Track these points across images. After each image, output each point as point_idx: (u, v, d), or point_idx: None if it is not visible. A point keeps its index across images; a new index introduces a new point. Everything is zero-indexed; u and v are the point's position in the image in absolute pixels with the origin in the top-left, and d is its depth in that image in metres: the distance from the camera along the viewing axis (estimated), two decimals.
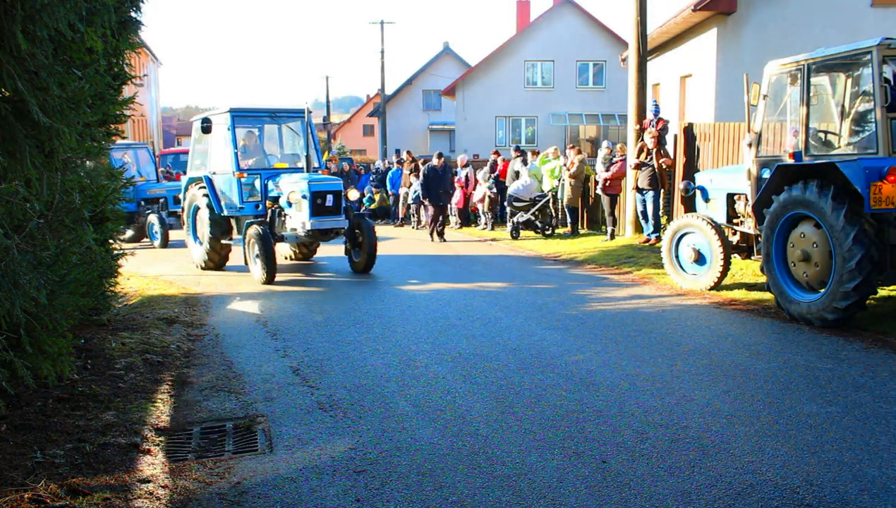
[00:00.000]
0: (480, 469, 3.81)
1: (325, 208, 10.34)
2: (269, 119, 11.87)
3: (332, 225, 10.49)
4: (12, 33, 3.04)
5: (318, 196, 10.26)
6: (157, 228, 16.23)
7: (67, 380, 5.04)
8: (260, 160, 11.69)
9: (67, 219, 4.15)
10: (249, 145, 11.61)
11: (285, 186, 10.66)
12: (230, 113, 11.04)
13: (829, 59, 7.13)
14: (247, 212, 10.98)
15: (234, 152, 10.89)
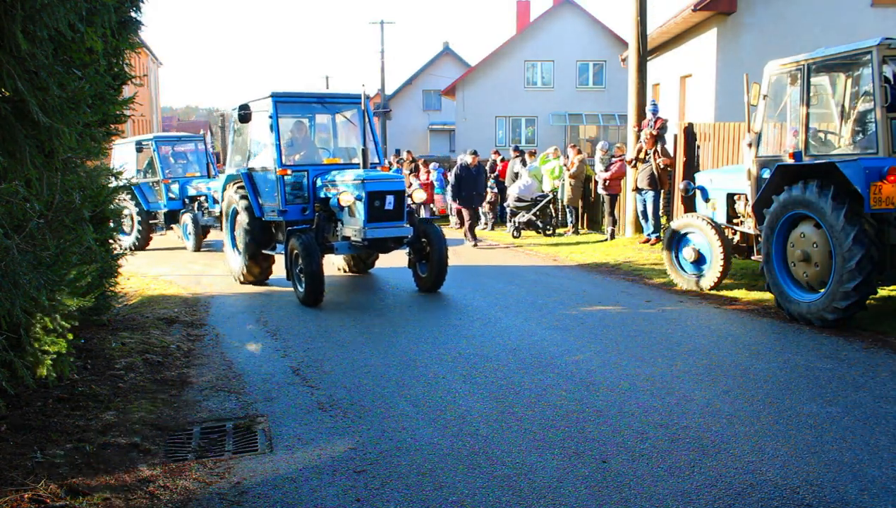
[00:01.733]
0: (480, 469, 3.81)
1: (384, 212, 8.60)
2: (320, 105, 10.14)
3: (393, 232, 8.66)
4: (12, 33, 3.04)
5: (375, 197, 8.51)
6: (190, 229, 14.90)
7: (67, 380, 5.05)
8: (308, 155, 10.13)
9: (67, 219, 4.15)
10: (297, 137, 10.16)
11: (337, 186, 8.99)
12: (272, 98, 9.30)
13: (829, 59, 7.13)
14: (291, 216, 9.31)
15: (277, 145, 9.14)
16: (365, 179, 8.52)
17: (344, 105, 10.24)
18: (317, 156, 10.24)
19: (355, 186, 8.58)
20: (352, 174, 8.84)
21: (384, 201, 8.58)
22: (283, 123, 9.71)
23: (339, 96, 10.25)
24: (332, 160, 9.98)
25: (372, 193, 8.49)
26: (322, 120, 10.79)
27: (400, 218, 8.74)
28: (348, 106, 10.25)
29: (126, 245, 15.75)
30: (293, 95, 9.75)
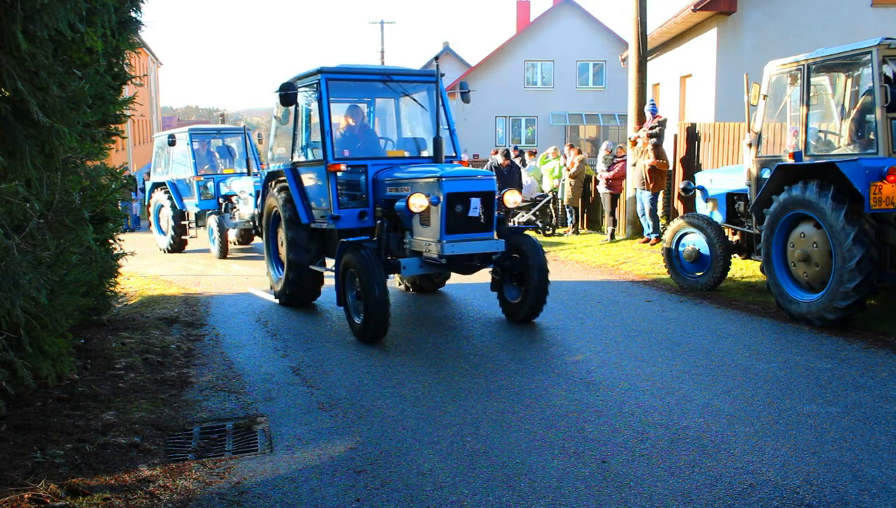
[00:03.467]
0: (480, 469, 3.81)
1: (467, 220, 6.56)
2: (382, 85, 8.05)
3: (479, 247, 6.62)
4: (12, 33, 3.04)
5: (457, 200, 6.46)
6: (216, 234, 13.33)
7: (67, 380, 5.05)
8: (367, 146, 8.12)
9: (67, 219, 4.15)
10: (354, 124, 8.19)
11: (406, 185, 7.05)
12: (321, 74, 7.49)
13: (829, 59, 7.13)
14: (346, 223, 7.40)
15: (328, 133, 7.33)
16: (443, 177, 6.46)
17: (413, 84, 8.21)
18: (378, 147, 8.27)
19: (430, 186, 6.57)
20: (425, 170, 6.92)
21: (468, 206, 6.49)
22: (336, 107, 7.96)
23: (409, 73, 8.18)
24: (397, 153, 8.11)
25: (453, 195, 6.43)
26: (382, 103, 8.95)
27: (488, 227, 6.66)
28: (419, 85, 8.26)
29: (162, 246, 14.88)
30: (349, 71, 7.86)
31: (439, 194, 6.41)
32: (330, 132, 7.39)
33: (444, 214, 6.42)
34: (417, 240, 6.82)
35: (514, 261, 7.16)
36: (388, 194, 7.25)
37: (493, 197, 6.66)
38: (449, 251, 6.43)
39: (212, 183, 14.18)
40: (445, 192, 6.39)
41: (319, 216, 7.73)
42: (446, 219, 6.44)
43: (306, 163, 7.93)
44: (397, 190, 7.13)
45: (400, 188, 7.07)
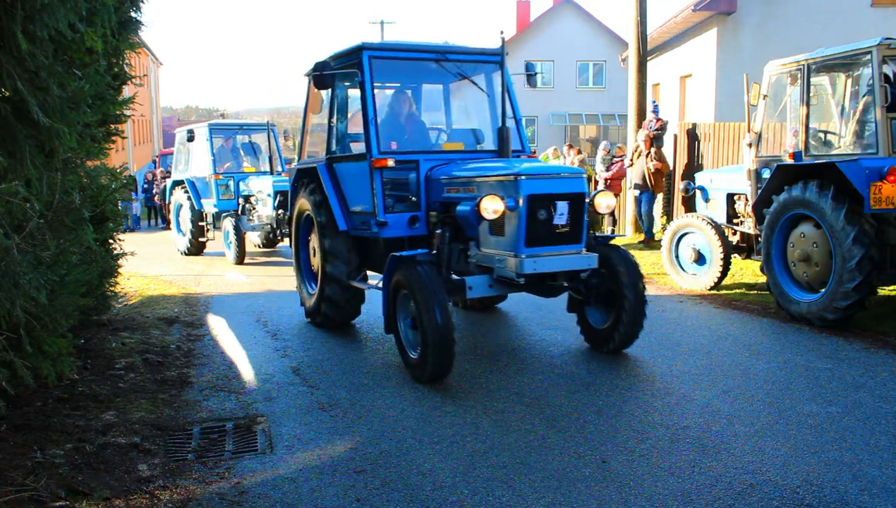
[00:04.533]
0: (480, 469, 3.81)
1: (552, 229, 5.32)
2: (435, 65, 6.65)
3: (568, 263, 5.40)
4: (12, 33, 3.04)
5: (539, 204, 5.23)
6: (231, 237, 12.37)
7: (67, 380, 5.05)
8: (417, 137, 6.91)
9: (67, 219, 4.15)
10: (400, 112, 6.94)
11: (471, 185, 5.77)
12: (363, 52, 6.26)
13: (829, 59, 7.14)
14: (394, 230, 6.17)
15: (372, 122, 6.09)
16: (522, 175, 5.24)
17: (473, 64, 6.87)
18: (429, 139, 7.09)
19: (504, 186, 5.33)
20: (495, 166, 5.72)
21: (553, 211, 5.28)
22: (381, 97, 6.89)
23: (469, 52, 6.82)
24: (453, 146, 6.82)
25: (535, 198, 5.19)
26: (430, 88, 7.66)
27: (577, 238, 5.43)
28: (479, 66, 6.94)
29: (180, 248, 14.22)
30: (396, 48, 6.57)
31: (518, 196, 5.17)
32: (374, 120, 6.11)
33: (524, 222, 5.17)
34: (486, 254, 5.58)
35: (600, 278, 5.78)
36: (447, 196, 5.95)
37: (583, 200, 5.40)
38: (530, 268, 5.15)
39: (232, 182, 13.26)
40: (526, 194, 5.14)
41: (361, 222, 6.44)
42: (526, 228, 5.18)
43: (344, 158, 6.72)
44: (458, 190, 5.85)
45: (462, 188, 5.81)
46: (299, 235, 7.64)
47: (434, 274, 5.23)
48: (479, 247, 5.71)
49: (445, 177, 6.02)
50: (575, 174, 5.49)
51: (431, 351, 5.02)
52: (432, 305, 5.00)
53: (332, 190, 6.71)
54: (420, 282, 5.11)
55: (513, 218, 5.25)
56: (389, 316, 5.62)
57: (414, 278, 5.17)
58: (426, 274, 5.18)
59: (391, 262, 5.48)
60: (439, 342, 4.98)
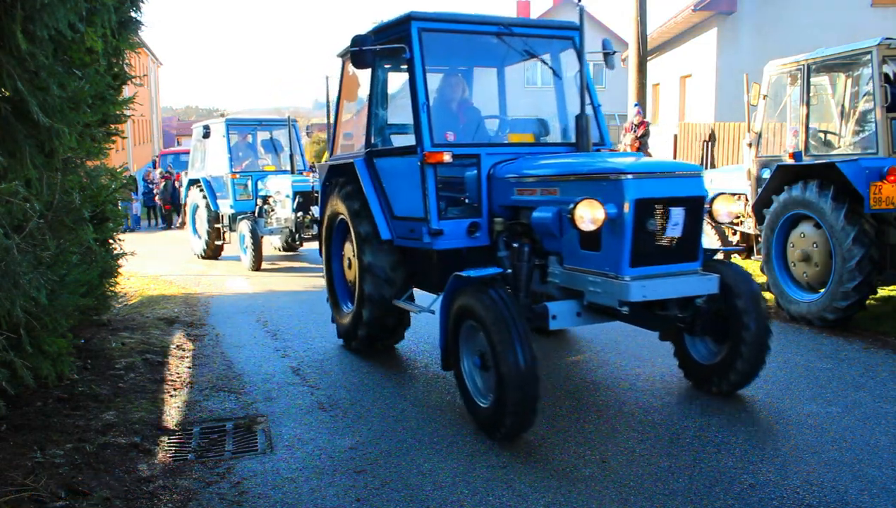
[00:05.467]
0: (480, 469, 3.81)
1: (662, 243, 4.19)
2: (496, 41, 5.59)
3: (686, 287, 4.27)
4: (12, 33, 3.04)
5: (649, 210, 4.09)
6: (248, 241, 11.57)
7: (67, 380, 5.05)
8: (474, 128, 5.83)
9: (67, 219, 4.15)
10: (452, 98, 5.85)
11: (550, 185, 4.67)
12: (411, 22, 5.20)
13: (829, 59, 7.14)
14: (449, 241, 5.13)
15: (423, 107, 5.05)
16: (626, 173, 4.06)
17: (543, 39, 5.80)
18: (487, 130, 5.98)
19: (600, 187, 4.16)
20: (587, 162, 4.54)
21: (666, 220, 4.11)
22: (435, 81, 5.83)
23: (537, 25, 5.93)
24: (520, 137, 5.81)
25: (644, 203, 4.03)
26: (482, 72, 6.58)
27: (693, 254, 4.34)
28: (549, 42, 5.86)
29: (196, 251, 13.40)
30: (451, 20, 5.42)
31: (621, 201, 3.99)
32: (427, 105, 5.07)
33: (630, 234, 4.00)
34: (572, 273, 4.43)
35: (709, 301, 4.55)
36: (516, 198, 4.89)
37: (703, 205, 4.31)
38: (638, 294, 3.98)
39: (250, 181, 12.39)
40: (633, 199, 3.97)
41: (408, 230, 5.36)
42: (633, 242, 4.01)
43: (388, 152, 5.71)
44: (533, 192, 4.75)
45: (539, 190, 4.70)
46: (331, 243, 6.56)
47: (512, 302, 4.06)
48: (561, 263, 4.54)
49: (514, 175, 4.92)
50: (692, 172, 4.30)
51: (510, 401, 3.87)
52: (512, 342, 3.86)
53: (372, 190, 5.68)
54: (495, 312, 3.97)
55: (613, 228, 4.05)
56: (450, 350, 4.50)
57: (486, 306, 4.02)
58: (502, 300, 4.02)
59: (454, 283, 4.38)
60: (521, 389, 3.84)
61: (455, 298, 4.38)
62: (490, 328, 3.98)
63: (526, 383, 3.86)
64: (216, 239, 12.89)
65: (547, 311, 4.36)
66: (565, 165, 4.66)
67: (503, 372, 3.88)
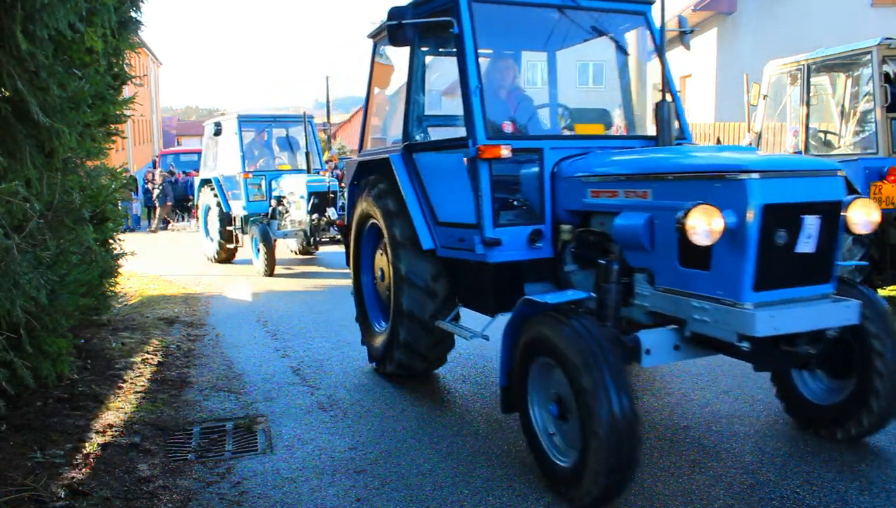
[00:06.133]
0: (480, 469, 3.81)
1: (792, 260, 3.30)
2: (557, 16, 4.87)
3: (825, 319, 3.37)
4: (12, 33, 3.04)
5: (779, 218, 3.20)
6: (259, 245, 10.95)
7: (67, 380, 5.05)
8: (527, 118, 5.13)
9: (67, 219, 4.15)
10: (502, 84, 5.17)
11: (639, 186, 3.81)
12: None
13: (829, 59, 7.14)
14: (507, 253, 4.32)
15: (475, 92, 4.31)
16: (750, 171, 3.21)
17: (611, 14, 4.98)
18: (541, 122, 5.31)
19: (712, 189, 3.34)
20: (693, 157, 3.73)
21: (797, 231, 3.29)
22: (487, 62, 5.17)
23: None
24: (589, 128, 5.16)
25: (773, 210, 3.21)
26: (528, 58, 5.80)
27: (826, 275, 3.46)
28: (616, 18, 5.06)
29: (208, 254, 12.77)
30: None
31: (744, 207, 3.16)
32: (480, 89, 4.31)
33: (755, 248, 3.18)
34: (669, 296, 3.58)
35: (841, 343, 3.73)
36: (590, 202, 4.11)
37: (840, 212, 3.40)
38: (766, 328, 3.14)
39: (264, 181, 11.81)
40: (759, 204, 3.14)
41: (457, 238, 4.59)
42: (758, 259, 3.19)
43: (432, 146, 4.95)
44: (614, 194, 3.94)
45: (622, 191, 3.88)
46: (360, 251, 5.80)
47: (602, 334, 3.26)
48: (652, 282, 3.70)
49: (587, 173, 4.12)
50: (829, 171, 3.40)
51: (601, 463, 3.08)
52: (604, 386, 3.06)
53: (412, 191, 4.89)
54: (580, 348, 3.18)
55: (731, 242, 3.21)
56: (514, 390, 3.72)
57: (569, 340, 3.23)
58: (590, 333, 3.22)
59: (523, 310, 3.62)
60: (616, 448, 3.04)
61: (524, 328, 3.58)
62: (574, 368, 3.18)
63: (622, 440, 3.05)
64: (228, 242, 12.24)
65: (639, 344, 3.48)
66: (661, 161, 3.81)
67: (592, 425, 3.07)
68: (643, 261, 3.74)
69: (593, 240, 4.14)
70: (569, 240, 4.30)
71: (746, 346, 3.22)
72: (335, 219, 10.73)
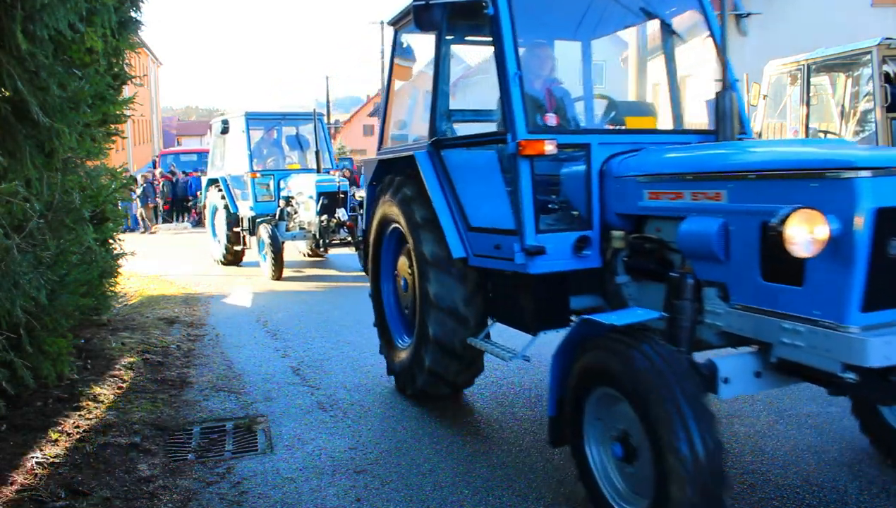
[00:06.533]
0: (480, 469, 3.81)
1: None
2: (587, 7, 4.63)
3: None
4: (12, 33, 3.04)
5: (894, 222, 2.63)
6: (266, 248, 10.49)
7: (67, 380, 5.05)
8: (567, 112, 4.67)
9: (67, 219, 4.15)
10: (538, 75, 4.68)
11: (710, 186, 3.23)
12: None
13: (829, 59, 7.15)
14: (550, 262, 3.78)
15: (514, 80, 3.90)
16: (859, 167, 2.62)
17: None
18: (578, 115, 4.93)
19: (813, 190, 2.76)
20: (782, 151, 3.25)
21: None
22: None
23: None
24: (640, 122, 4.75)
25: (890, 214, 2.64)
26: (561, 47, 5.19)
27: None
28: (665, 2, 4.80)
29: (216, 257, 12.42)
30: None
31: (851, 210, 2.64)
32: (519, 77, 3.90)
33: (865, 260, 2.66)
34: (748, 315, 3.06)
35: None
36: (648, 205, 3.59)
37: None
38: (880, 356, 2.60)
39: (272, 180, 11.45)
40: (872, 207, 2.63)
41: (492, 245, 4.05)
42: (869, 274, 2.68)
43: (462, 141, 4.51)
44: (678, 196, 3.41)
45: (687, 193, 3.35)
46: (379, 259, 5.32)
47: (678, 362, 2.78)
48: (726, 298, 3.19)
49: (642, 172, 3.62)
50: None
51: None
52: (684, 423, 2.59)
53: (440, 191, 4.41)
54: (656, 380, 2.70)
55: (834, 252, 2.69)
56: (568, 424, 3.22)
57: (640, 369, 2.76)
58: (665, 362, 2.75)
59: (581, 331, 3.15)
60: (700, 495, 2.57)
61: (582, 352, 3.10)
62: (647, 404, 2.70)
63: (707, 484, 2.56)
64: (235, 243, 11.85)
65: (716, 372, 2.97)
66: (739, 157, 3.29)
67: (669, 466, 2.59)
68: (715, 274, 3.20)
69: (649, 247, 3.60)
70: (620, 247, 3.76)
71: (852, 378, 2.69)
72: (345, 220, 10.50)
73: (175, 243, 16.53)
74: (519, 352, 4.02)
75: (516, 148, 3.67)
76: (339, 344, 6.60)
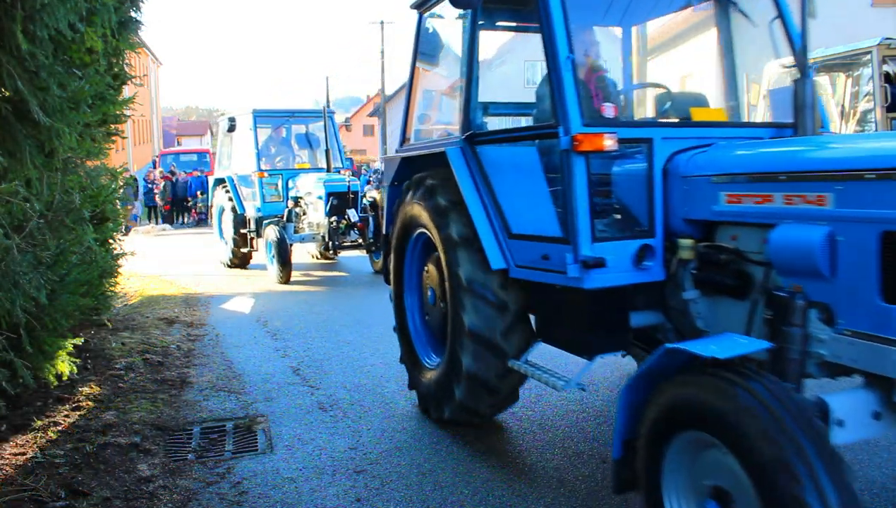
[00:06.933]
0: (480, 469, 3.81)
1: None
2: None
3: None
4: (12, 33, 3.04)
5: None
6: (274, 250, 10.19)
7: (67, 380, 5.05)
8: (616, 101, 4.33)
9: (67, 219, 4.15)
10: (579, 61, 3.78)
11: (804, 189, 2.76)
12: None
13: (829, 58, 7.15)
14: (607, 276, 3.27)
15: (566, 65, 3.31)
16: None
17: None
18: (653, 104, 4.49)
19: None
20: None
21: None
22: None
23: None
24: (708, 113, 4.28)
25: None
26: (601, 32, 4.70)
27: None
28: None
29: (222, 259, 12.00)
30: None
31: None
32: (572, 62, 3.33)
33: None
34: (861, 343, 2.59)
35: None
36: (725, 209, 3.13)
37: None
38: None
39: (281, 180, 11.11)
40: None
41: (538, 255, 3.59)
42: None
43: (502, 136, 4.03)
44: (766, 200, 2.93)
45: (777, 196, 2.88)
46: (402, 267, 4.81)
47: (800, 407, 2.24)
48: (831, 322, 2.70)
49: (717, 171, 3.16)
50: None
51: None
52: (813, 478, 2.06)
53: (475, 193, 3.92)
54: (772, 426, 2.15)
55: None
56: (635, 467, 2.67)
57: (748, 412, 2.21)
58: (780, 403, 2.21)
59: (665, 361, 2.57)
60: None
61: (666, 387, 2.54)
62: (759, 455, 2.15)
63: None
64: (243, 245, 11.47)
65: (827, 411, 2.51)
66: (850, 152, 2.77)
67: None
68: (816, 293, 2.73)
69: (725, 259, 3.11)
70: (689, 258, 3.24)
71: None
72: (356, 221, 10.19)
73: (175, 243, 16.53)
74: (573, 379, 3.56)
75: (570, 143, 3.17)
76: (339, 344, 6.60)
